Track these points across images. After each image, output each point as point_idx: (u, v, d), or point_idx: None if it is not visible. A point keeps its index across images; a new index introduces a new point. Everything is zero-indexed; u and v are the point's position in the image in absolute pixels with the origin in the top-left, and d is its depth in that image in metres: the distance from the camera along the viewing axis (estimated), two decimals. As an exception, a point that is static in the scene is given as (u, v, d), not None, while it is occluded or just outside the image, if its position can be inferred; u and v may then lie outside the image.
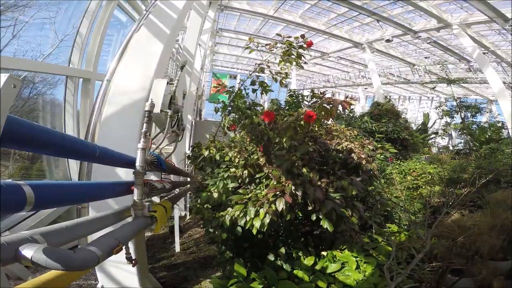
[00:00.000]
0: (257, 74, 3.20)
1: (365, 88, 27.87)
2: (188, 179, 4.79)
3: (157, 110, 2.40)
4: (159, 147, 2.59)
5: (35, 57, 4.83)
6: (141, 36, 3.47)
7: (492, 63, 14.73)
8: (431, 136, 14.16)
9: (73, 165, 5.53)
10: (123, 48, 3.74)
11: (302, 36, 2.89)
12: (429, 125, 15.28)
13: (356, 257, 2.94)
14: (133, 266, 1.62)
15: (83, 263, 0.97)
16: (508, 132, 10.32)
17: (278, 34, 3.15)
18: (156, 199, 2.93)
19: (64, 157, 4.36)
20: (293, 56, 2.87)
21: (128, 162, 1.77)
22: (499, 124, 11.30)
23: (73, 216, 3.88)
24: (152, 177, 2.62)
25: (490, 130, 10.77)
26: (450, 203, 3.24)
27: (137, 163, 1.65)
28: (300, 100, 6.46)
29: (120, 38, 7.66)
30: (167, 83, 2.69)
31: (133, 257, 1.62)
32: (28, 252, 0.81)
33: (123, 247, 1.30)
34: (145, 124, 1.76)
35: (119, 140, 2.76)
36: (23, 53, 4.56)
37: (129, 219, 1.74)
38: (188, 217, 8.87)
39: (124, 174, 2.60)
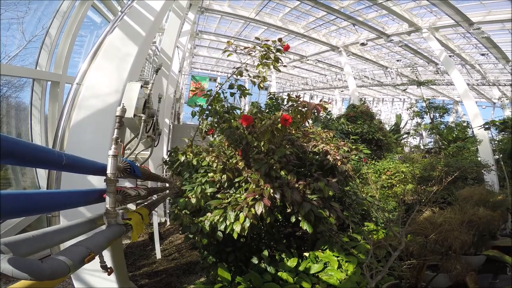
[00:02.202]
0: (235, 77, 3.18)
1: (342, 91, 28.72)
2: (167, 185, 4.69)
3: (129, 114, 2.33)
4: (134, 152, 2.51)
5: (-1, 59, 4.53)
6: (115, 38, 3.35)
7: (457, 65, 15.66)
8: (403, 136, 14.85)
9: (42, 172, 5.23)
10: (95, 50, 3.58)
11: (280, 39, 2.92)
12: (402, 125, 16.01)
13: (337, 257, 3.00)
14: (108, 274, 1.56)
15: (52, 272, 0.94)
16: (473, 131, 11.01)
17: (257, 38, 3.17)
18: (133, 206, 2.84)
19: (28, 166, 4.12)
20: (270, 60, 2.89)
21: (99, 169, 1.70)
22: (465, 124, 12.07)
23: (44, 224, 3.67)
24: (126, 183, 2.53)
25: (456, 130, 11.47)
26: (422, 201, 3.40)
27: (108, 171, 1.59)
28: (280, 102, 6.56)
29: (93, 39, 7.36)
30: (141, 86, 2.62)
31: (109, 266, 1.56)
32: (-8, 262, 0.78)
33: (97, 256, 1.26)
34: (116, 130, 1.71)
35: (90, 146, 2.65)
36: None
37: (103, 227, 1.68)
38: (168, 223, 8.67)
39: (97, 181, 2.50)
